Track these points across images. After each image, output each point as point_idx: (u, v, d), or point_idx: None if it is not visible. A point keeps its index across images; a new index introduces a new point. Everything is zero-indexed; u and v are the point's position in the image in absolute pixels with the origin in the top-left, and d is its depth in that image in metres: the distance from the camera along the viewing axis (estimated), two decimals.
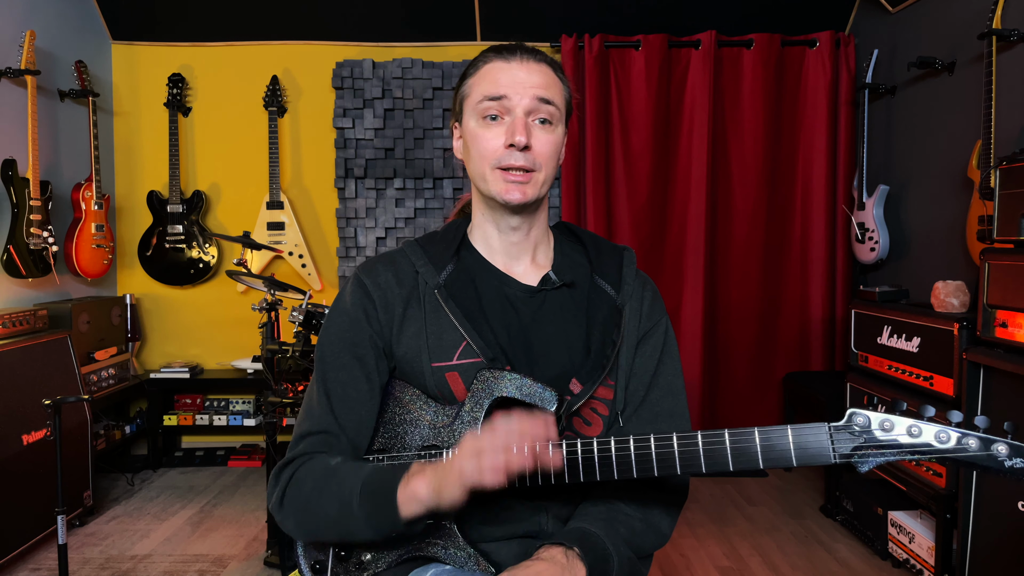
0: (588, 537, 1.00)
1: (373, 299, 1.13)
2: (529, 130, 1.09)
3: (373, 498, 0.98)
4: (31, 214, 3.17)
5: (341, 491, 1.01)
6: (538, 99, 1.10)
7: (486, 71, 1.13)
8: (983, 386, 2.28)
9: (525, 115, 1.10)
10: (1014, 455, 0.84)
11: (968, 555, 2.31)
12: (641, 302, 1.19)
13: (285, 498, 1.08)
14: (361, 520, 0.99)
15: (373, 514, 0.98)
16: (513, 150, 1.09)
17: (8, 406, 2.70)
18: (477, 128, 1.12)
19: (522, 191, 1.10)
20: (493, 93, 1.10)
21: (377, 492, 0.98)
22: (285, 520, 1.09)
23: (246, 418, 3.88)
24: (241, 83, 3.98)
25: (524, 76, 1.10)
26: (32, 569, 2.70)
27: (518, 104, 1.09)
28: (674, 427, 1.15)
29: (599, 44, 3.79)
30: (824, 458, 0.89)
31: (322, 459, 1.07)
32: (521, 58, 1.12)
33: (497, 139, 1.10)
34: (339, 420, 1.10)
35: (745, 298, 3.93)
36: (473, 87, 1.14)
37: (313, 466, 1.07)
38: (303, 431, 1.11)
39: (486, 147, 1.11)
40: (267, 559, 2.73)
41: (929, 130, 3.27)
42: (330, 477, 1.04)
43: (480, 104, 1.11)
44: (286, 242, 3.93)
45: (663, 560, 2.78)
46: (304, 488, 1.06)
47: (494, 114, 1.10)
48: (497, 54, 1.13)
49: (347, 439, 1.10)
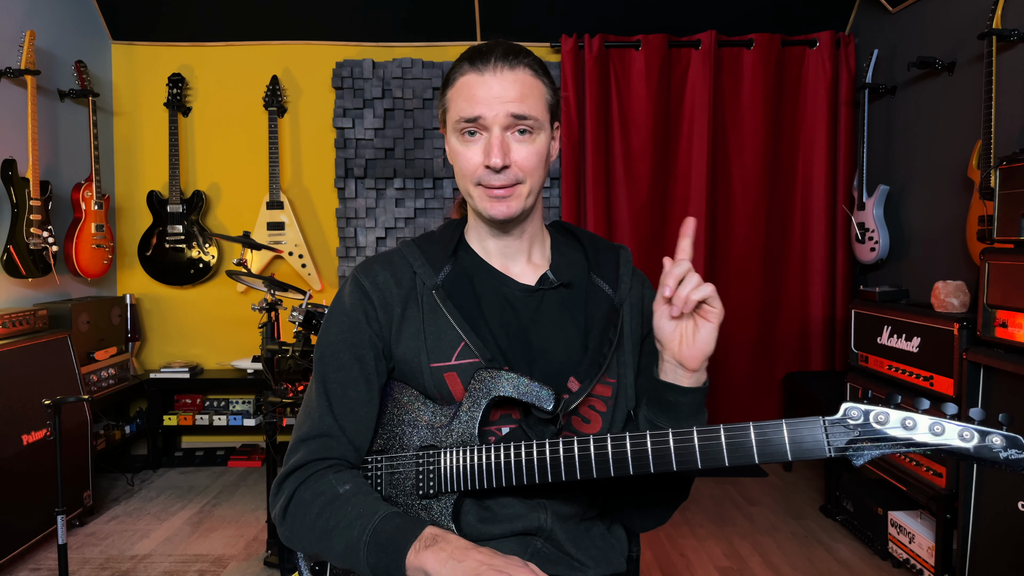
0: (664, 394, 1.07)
1: (372, 300, 1.13)
2: (506, 147, 1.08)
3: (381, 553, 0.97)
4: (31, 214, 3.18)
5: (350, 533, 1.00)
6: (513, 116, 1.07)
7: (461, 85, 1.10)
8: (983, 386, 2.27)
9: (502, 131, 1.08)
10: (1009, 446, 0.84)
11: (968, 555, 2.31)
12: (642, 300, 1.19)
13: (288, 515, 1.07)
14: (364, 566, 0.99)
15: (377, 565, 0.97)
16: (491, 171, 1.08)
17: (8, 406, 2.70)
18: (457, 145, 1.12)
19: (506, 206, 1.10)
20: (468, 114, 1.08)
21: (386, 548, 0.97)
22: (290, 538, 1.09)
23: (246, 418, 3.88)
24: (241, 83, 3.99)
25: (499, 90, 1.07)
26: (32, 569, 2.70)
27: (493, 122, 1.08)
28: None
29: (599, 44, 3.79)
30: (819, 452, 0.89)
31: (328, 481, 1.06)
32: (495, 68, 1.08)
33: (476, 157, 1.09)
34: (339, 421, 1.09)
35: (745, 298, 3.92)
36: (451, 102, 1.12)
37: (321, 488, 1.05)
38: (302, 434, 1.11)
39: (466, 165, 1.10)
40: (267, 559, 2.73)
41: (929, 130, 3.26)
42: (339, 510, 1.02)
43: (457, 124, 1.10)
44: (286, 242, 3.93)
45: (663, 560, 2.77)
46: (310, 513, 1.05)
47: (472, 130, 1.10)
48: (471, 64, 1.09)
49: (347, 440, 1.09)
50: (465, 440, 1.06)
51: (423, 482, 1.06)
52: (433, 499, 1.06)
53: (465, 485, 1.03)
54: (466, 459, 1.03)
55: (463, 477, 1.03)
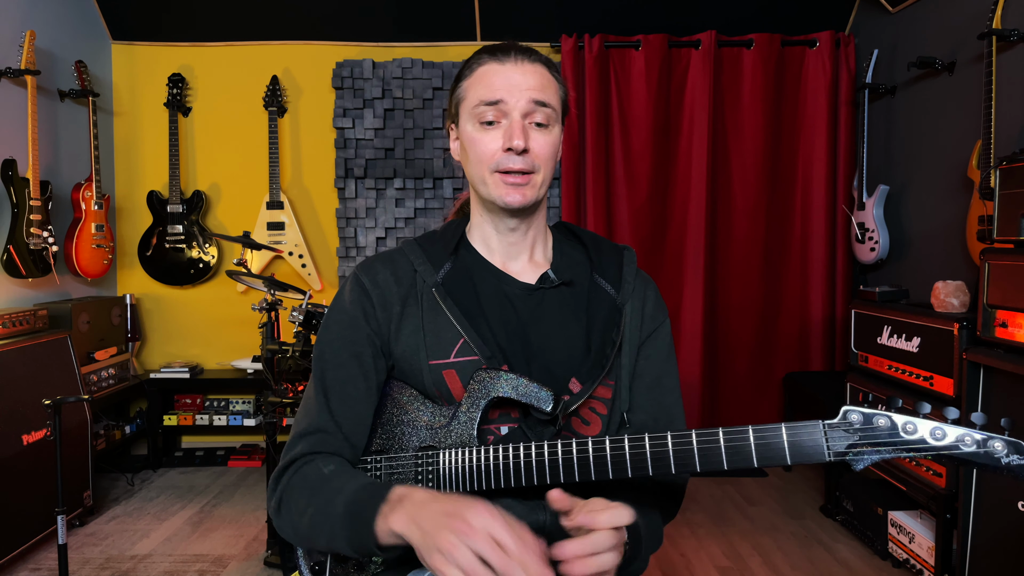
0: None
1: (371, 298, 1.13)
2: (526, 133, 1.09)
3: (353, 523, 0.96)
4: (31, 214, 3.18)
5: (328, 508, 0.99)
6: (534, 102, 1.09)
7: (481, 74, 1.12)
8: (983, 386, 2.27)
9: (522, 118, 1.10)
10: (1011, 452, 0.83)
11: (968, 555, 2.31)
12: (644, 302, 1.19)
13: (282, 505, 1.07)
14: (343, 541, 0.97)
15: (353, 538, 0.96)
16: (511, 154, 1.09)
17: (8, 406, 2.70)
18: (474, 132, 1.12)
19: (522, 193, 1.11)
20: (489, 98, 1.10)
21: (357, 517, 0.95)
22: (282, 527, 1.08)
23: (246, 418, 3.88)
24: (241, 83, 3.99)
25: (519, 78, 1.10)
26: (32, 569, 2.70)
27: (514, 107, 1.09)
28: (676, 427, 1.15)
29: (599, 44, 3.79)
30: (819, 456, 0.89)
31: (316, 465, 1.06)
32: (516, 59, 1.11)
33: (495, 143, 1.10)
34: (336, 418, 1.09)
35: (745, 298, 3.92)
36: (468, 90, 1.13)
37: (307, 472, 1.06)
38: (300, 430, 1.11)
39: (484, 151, 1.11)
40: (267, 559, 2.73)
41: (929, 130, 3.26)
42: (320, 489, 1.02)
43: (476, 108, 1.11)
44: (286, 242, 3.93)
45: (663, 560, 2.77)
46: (299, 498, 1.04)
47: (490, 119, 1.10)
48: (491, 55, 1.12)
49: (343, 437, 1.09)
50: (464, 441, 1.06)
51: (422, 482, 1.06)
52: None
53: (464, 486, 1.03)
54: (465, 459, 1.03)
55: (462, 477, 1.03)
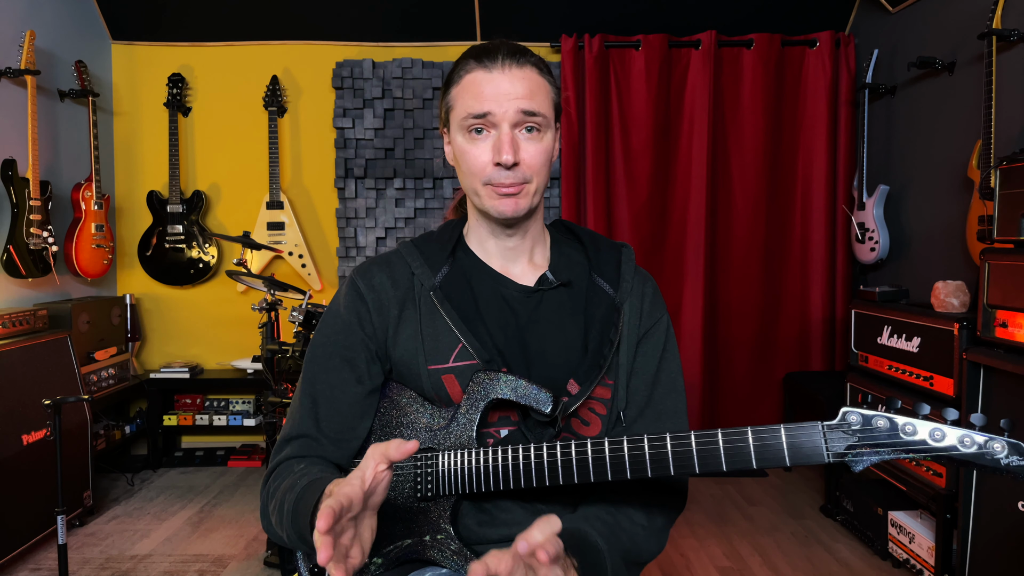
0: (588, 551, 0.97)
1: (367, 302, 1.12)
2: (516, 145, 1.07)
3: (297, 519, 0.94)
4: (31, 214, 3.18)
5: (284, 507, 0.98)
6: (523, 112, 1.06)
7: (468, 82, 1.09)
8: (983, 386, 2.27)
9: (511, 128, 1.07)
10: (1011, 453, 0.83)
11: (968, 555, 2.31)
12: (642, 299, 1.18)
13: (267, 508, 1.07)
14: (296, 537, 0.97)
15: (303, 534, 0.94)
16: (501, 168, 1.07)
17: (8, 406, 2.70)
18: (464, 143, 1.10)
19: (515, 203, 1.09)
20: (477, 110, 1.06)
21: (301, 514, 0.94)
22: (267, 529, 1.09)
23: (246, 418, 3.87)
24: (241, 83, 3.98)
25: (507, 87, 1.06)
26: (32, 569, 2.70)
27: (503, 118, 1.06)
28: (677, 426, 1.14)
29: (599, 44, 3.79)
30: (818, 457, 0.89)
31: (291, 467, 1.06)
32: (503, 65, 1.07)
33: (485, 155, 1.07)
34: (320, 424, 1.09)
35: (745, 298, 3.92)
36: (456, 100, 1.10)
37: (282, 472, 1.06)
38: (285, 434, 1.12)
39: (474, 163, 1.08)
40: (267, 559, 2.73)
41: (929, 130, 3.26)
42: (287, 490, 1.00)
43: (464, 120, 1.08)
44: (286, 242, 3.93)
45: (663, 560, 2.77)
46: (272, 500, 1.04)
47: (480, 127, 1.08)
48: (478, 62, 1.08)
49: (328, 443, 1.09)
50: (463, 442, 1.06)
51: (421, 484, 1.06)
52: (431, 502, 1.06)
53: (463, 487, 1.03)
54: (464, 461, 1.03)
55: (461, 479, 1.03)
